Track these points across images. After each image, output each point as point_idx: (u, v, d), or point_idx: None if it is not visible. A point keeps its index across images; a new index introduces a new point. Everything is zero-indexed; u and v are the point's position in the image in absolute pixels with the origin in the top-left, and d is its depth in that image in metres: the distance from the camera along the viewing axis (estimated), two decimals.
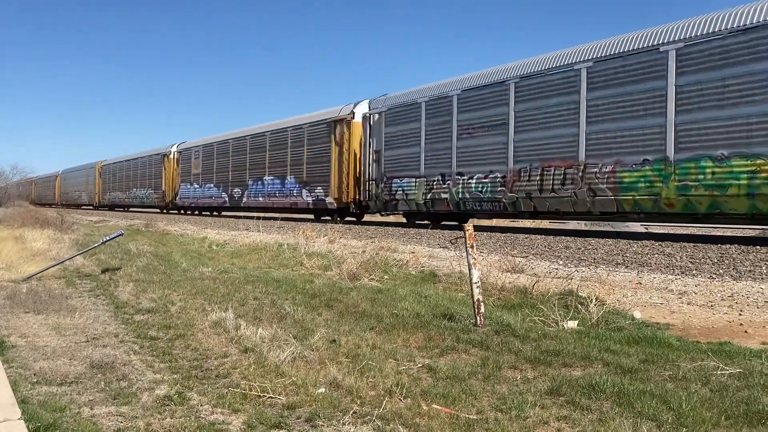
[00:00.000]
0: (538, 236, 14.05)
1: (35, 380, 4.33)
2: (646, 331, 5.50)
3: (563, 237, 13.54)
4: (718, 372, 4.26)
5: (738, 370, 4.27)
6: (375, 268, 9.49)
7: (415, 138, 19.12)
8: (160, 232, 20.85)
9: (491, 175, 16.47)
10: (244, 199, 29.68)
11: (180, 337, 5.61)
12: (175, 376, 4.46)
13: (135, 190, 46.11)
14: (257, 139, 29.21)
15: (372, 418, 3.55)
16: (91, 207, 56.83)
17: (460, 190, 17.28)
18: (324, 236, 14.75)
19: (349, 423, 3.49)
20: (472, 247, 5.83)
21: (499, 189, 16.26)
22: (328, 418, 3.57)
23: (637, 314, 6.29)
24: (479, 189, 16.81)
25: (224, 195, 31.86)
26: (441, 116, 18.17)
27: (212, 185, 33.44)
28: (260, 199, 28.38)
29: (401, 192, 19.57)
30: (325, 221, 22.78)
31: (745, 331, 5.61)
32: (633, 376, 4.26)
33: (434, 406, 3.76)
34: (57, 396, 3.99)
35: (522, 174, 15.64)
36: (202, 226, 23.16)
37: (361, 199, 21.72)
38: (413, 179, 19.09)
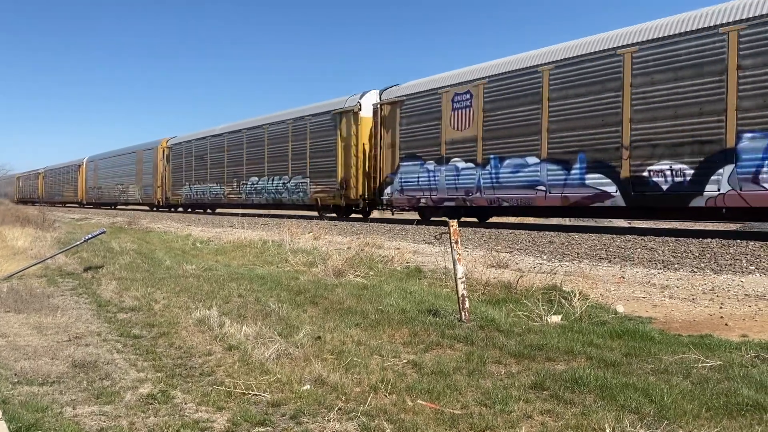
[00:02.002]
0: (523, 231, 14.12)
1: (16, 380, 4.27)
2: (629, 325, 5.55)
3: (547, 232, 13.62)
4: (699, 365, 4.31)
5: (718, 363, 4.33)
6: (360, 265, 9.49)
7: None
8: (144, 230, 20.69)
9: None
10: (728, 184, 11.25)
11: (163, 336, 5.58)
12: (159, 374, 4.43)
13: (257, 180, 26.43)
14: None
15: (357, 414, 3.55)
16: (149, 207, 39.38)
17: None
18: (309, 233, 14.72)
19: (334, 419, 3.49)
20: (456, 242, 5.84)
21: None
22: (313, 415, 3.57)
23: (620, 308, 6.35)
24: None
25: (606, 181, 13.24)
26: None
27: (537, 159, 14.52)
28: None
29: None
30: None
31: (726, 324, 5.69)
32: (616, 369, 4.30)
33: (419, 401, 3.77)
34: (38, 396, 3.94)
35: None
36: (186, 224, 23.01)
37: None
38: None
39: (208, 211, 33.49)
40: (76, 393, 4.03)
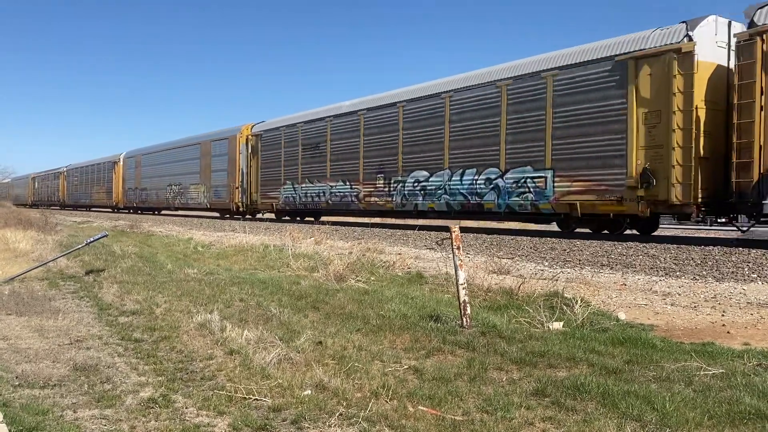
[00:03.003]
0: (524, 237, 14.12)
1: (17, 383, 4.27)
2: (631, 332, 5.54)
3: (549, 238, 13.61)
4: (701, 372, 4.30)
5: (720, 371, 4.32)
6: (361, 270, 9.48)
7: None
8: (145, 233, 20.70)
9: None
10: None
11: (165, 339, 5.58)
12: (160, 378, 4.43)
13: (426, 177, 17.73)
14: None
15: (358, 419, 3.54)
16: (220, 214, 30.46)
17: None
18: (310, 237, 14.72)
19: (335, 425, 3.49)
20: (458, 248, 5.84)
21: None
22: (314, 420, 3.56)
23: (622, 315, 6.34)
24: None
25: None
26: None
27: None
28: None
29: None
30: None
31: (728, 332, 5.68)
32: (617, 376, 4.29)
33: (420, 407, 3.76)
34: (40, 399, 3.94)
35: None
36: (187, 228, 23.02)
37: None
38: None
39: (307, 219, 24.54)
40: (77, 396, 4.03)
